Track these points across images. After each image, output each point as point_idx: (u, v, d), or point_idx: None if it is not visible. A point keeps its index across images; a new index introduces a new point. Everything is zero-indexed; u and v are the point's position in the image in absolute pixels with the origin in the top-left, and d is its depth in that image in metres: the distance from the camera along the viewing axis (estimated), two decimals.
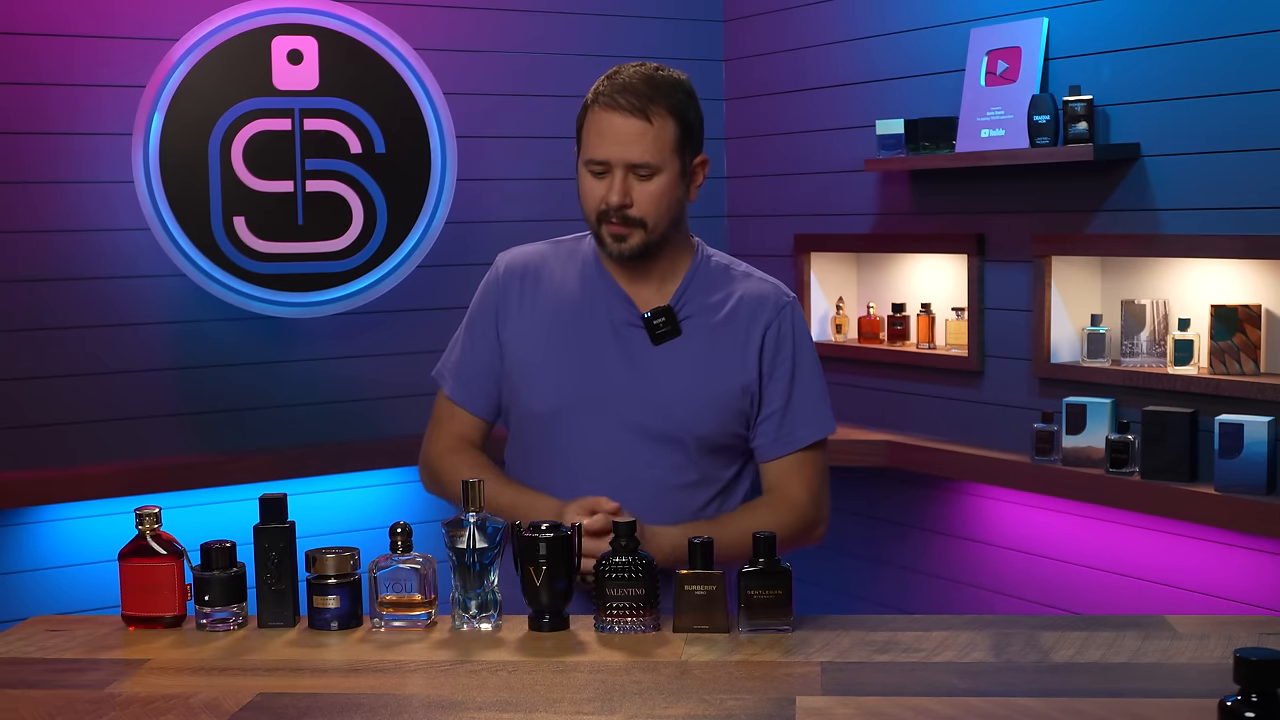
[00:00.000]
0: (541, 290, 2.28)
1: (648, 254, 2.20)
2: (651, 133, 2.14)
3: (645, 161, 2.14)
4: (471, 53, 4.15)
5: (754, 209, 4.49)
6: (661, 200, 2.16)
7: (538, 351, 2.24)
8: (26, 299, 3.66)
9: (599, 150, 2.15)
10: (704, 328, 2.23)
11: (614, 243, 2.18)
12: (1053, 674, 1.74)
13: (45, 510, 3.68)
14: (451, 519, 1.98)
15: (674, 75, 2.21)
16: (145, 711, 1.66)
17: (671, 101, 2.16)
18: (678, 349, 2.22)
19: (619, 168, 2.14)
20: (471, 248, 4.09)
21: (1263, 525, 3.01)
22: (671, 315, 2.22)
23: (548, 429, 2.23)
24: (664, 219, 2.18)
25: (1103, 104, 3.39)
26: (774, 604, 1.90)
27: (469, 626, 1.96)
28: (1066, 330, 3.56)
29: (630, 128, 2.13)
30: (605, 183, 2.16)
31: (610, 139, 2.14)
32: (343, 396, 4.04)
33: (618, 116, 2.14)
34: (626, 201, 2.15)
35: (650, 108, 2.14)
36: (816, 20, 4.21)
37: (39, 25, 3.62)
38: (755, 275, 2.32)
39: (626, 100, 2.14)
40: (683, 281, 2.25)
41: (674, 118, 2.16)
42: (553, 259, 2.32)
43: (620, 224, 2.16)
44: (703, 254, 2.30)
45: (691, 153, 2.21)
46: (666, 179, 2.16)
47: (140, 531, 2.01)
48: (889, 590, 4.16)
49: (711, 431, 2.21)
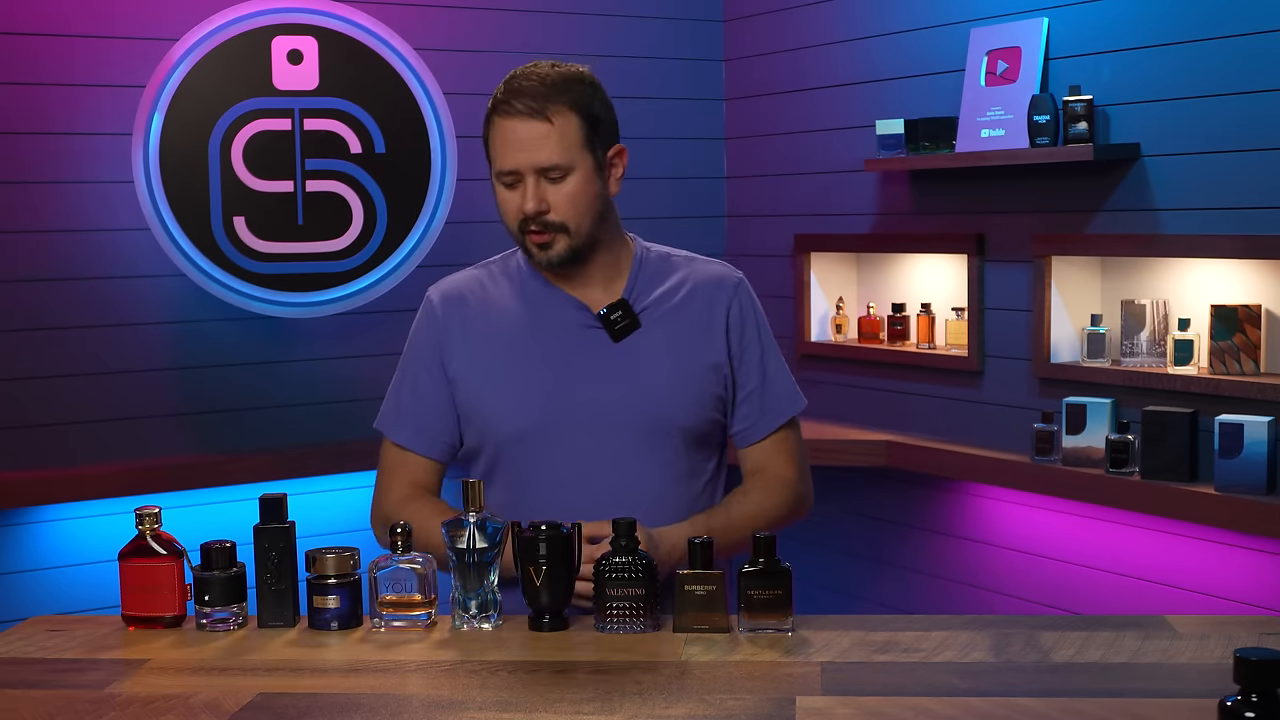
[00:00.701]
0: (482, 315, 2.24)
1: (578, 258, 2.16)
2: (555, 133, 2.10)
3: (554, 163, 2.10)
4: (471, 53, 4.15)
5: (754, 209, 4.49)
6: (579, 199, 2.12)
7: (496, 376, 2.20)
8: (26, 299, 3.66)
9: (506, 160, 2.12)
10: (662, 316, 2.21)
11: (539, 251, 2.15)
12: (1053, 674, 1.74)
13: (45, 510, 3.68)
14: (451, 519, 1.98)
15: (572, 70, 2.16)
16: (145, 711, 1.66)
17: (570, 97, 2.11)
18: (640, 341, 2.19)
19: (529, 174, 2.11)
20: (471, 248, 4.07)
21: (1263, 525, 3.01)
22: (628, 308, 2.19)
23: (528, 449, 2.17)
24: (585, 219, 2.14)
25: (1103, 104, 3.39)
26: (774, 604, 1.90)
27: (469, 626, 1.96)
28: (1066, 330, 3.56)
29: (532, 131, 2.10)
30: (519, 192, 2.12)
31: (514, 146, 2.11)
32: (343, 396, 4.03)
33: (518, 122, 2.10)
34: (543, 207, 2.11)
35: (548, 107, 2.09)
36: (816, 20, 4.21)
37: (39, 25, 3.62)
38: (699, 259, 2.30)
39: (523, 104, 2.10)
40: (630, 275, 2.22)
41: (576, 113, 2.11)
42: (487, 281, 2.28)
43: (541, 231, 2.13)
44: (641, 246, 2.28)
45: (603, 145, 2.16)
46: (580, 177, 2.12)
47: (140, 531, 2.01)
48: (889, 590, 4.16)
49: (694, 420, 2.19)
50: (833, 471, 4.14)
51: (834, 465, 3.97)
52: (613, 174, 2.19)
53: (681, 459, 2.19)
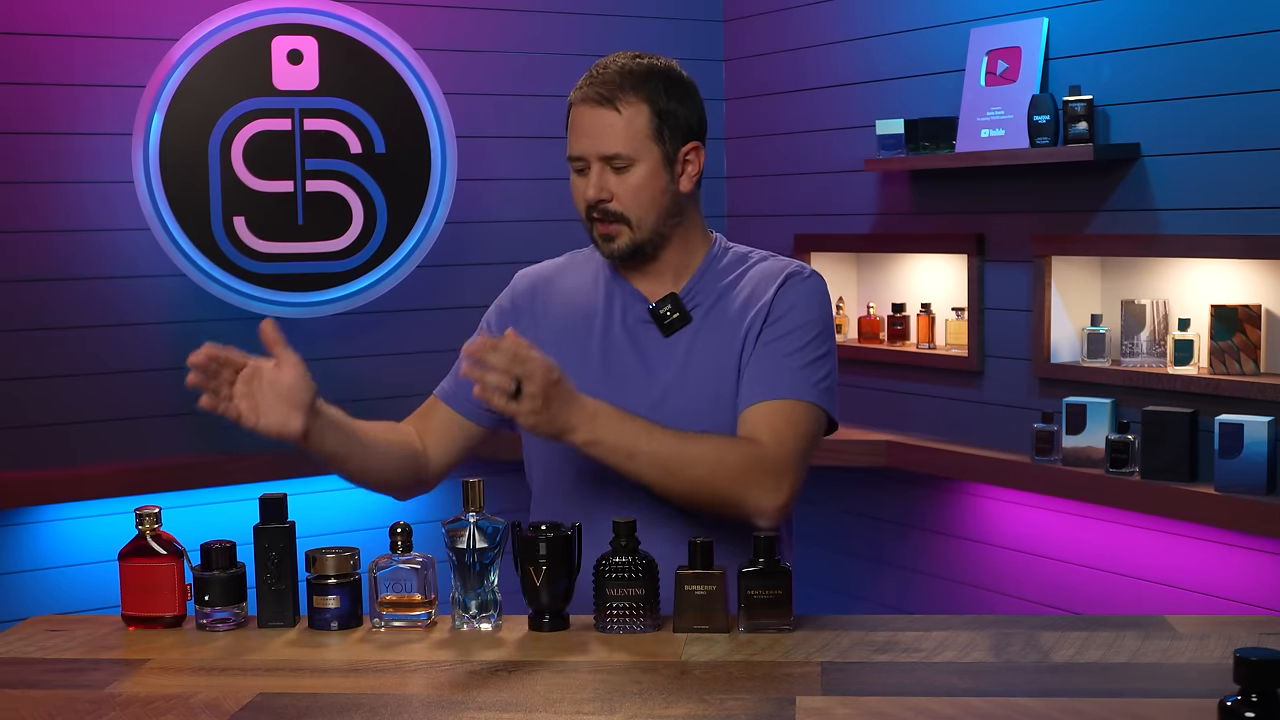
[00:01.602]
0: (553, 301, 2.23)
1: (641, 252, 2.13)
2: (621, 122, 2.08)
3: (616, 152, 2.08)
4: (471, 53, 4.15)
5: (754, 209, 4.48)
6: (642, 192, 2.10)
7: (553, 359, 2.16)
8: (26, 299, 3.66)
9: (574, 145, 2.12)
10: (714, 312, 2.16)
11: (604, 243, 2.13)
12: (1053, 674, 1.74)
13: (45, 510, 3.68)
14: (451, 519, 1.98)
15: (656, 62, 2.15)
16: (145, 711, 1.66)
17: (645, 89, 2.10)
18: (690, 337, 2.14)
19: (594, 161, 2.10)
20: (471, 248, 4.09)
21: (1263, 525, 3.01)
22: (678, 302, 2.15)
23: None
24: (649, 212, 2.11)
25: (1103, 104, 3.39)
26: (774, 604, 1.90)
27: (469, 626, 1.96)
28: (1066, 330, 3.56)
29: (600, 119, 2.09)
30: (586, 179, 2.12)
31: (582, 132, 2.10)
32: (343, 396, 3.98)
33: (588, 109, 2.10)
34: (604, 195, 2.09)
35: (620, 96, 2.08)
36: (816, 20, 4.21)
37: (39, 25, 3.62)
38: (774, 257, 2.23)
39: (595, 92, 2.09)
40: (697, 270, 2.19)
41: (647, 104, 2.10)
42: (568, 269, 2.27)
43: (604, 221, 2.11)
44: (720, 245, 2.23)
45: (675, 140, 2.13)
46: (645, 170, 2.10)
47: (140, 531, 2.01)
48: (889, 590, 4.16)
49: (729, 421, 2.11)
50: (833, 471, 4.14)
51: (834, 465, 3.97)
52: (685, 171, 2.15)
53: None
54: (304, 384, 2.01)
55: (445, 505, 3.98)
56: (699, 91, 2.21)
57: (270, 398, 1.97)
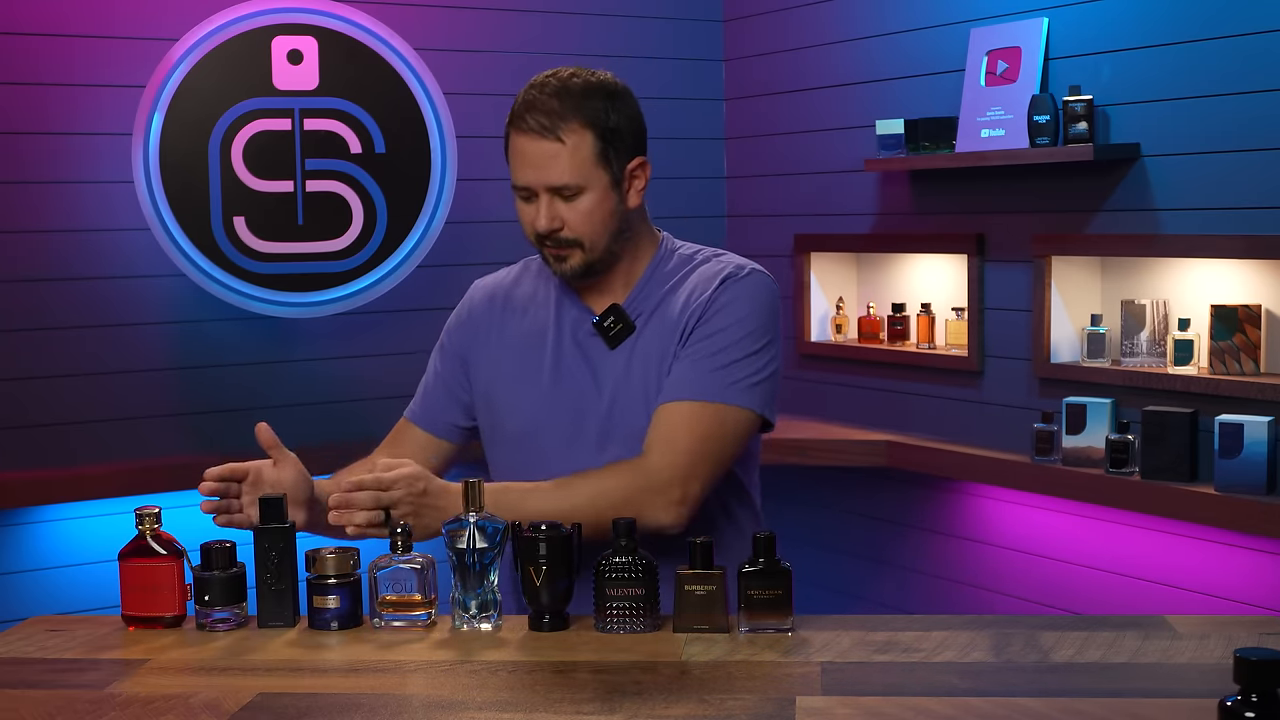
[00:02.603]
0: (510, 312, 2.25)
1: (593, 271, 2.14)
2: (565, 152, 2.07)
3: (564, 183, 2.08)
4: (471, 53, 4.15)
5: (754, 209, 4.49)
6: (593, 216, 2.10)
7: (506, 376, 2.21)
8: (26, 299, 3.66)
9: (519, 176, 2.11)
10: (659, 320, 2.16)
11: (556, 264, 2.14)
12: (1053, 674, 1.74)
13: (45, 510, 3.68)
14: (452, 519, 1.98)
15: (594, 79, 2.12)
16: (145, 711, 1.66)
17: (585, 113, 2.08)
18: (632, 347, 2.15)
19: (542, 192, 2.09)
20: (471, 248, 4.09)
21: (1263, 525, 3.01)
22: (621, 313, 2.16)
23: (528, 448, 2.18)
24: (601, 235, 2.11)
25: (1103, 104, 3.39)
26: (774, 604, 1.90)
27: (469, 626, 1.96)
28: (1066, 330, 3.56)
29: (543, 150, 2.07)
30: (534, 206, 2.11)
31: (527, 164, 2.09)
32: (343, 396, 4.04)
33: (529, 140, 2.08)
34: (556, 225, 2.09)
35: (561, 125, 2.07)
36: (816, 20, 4.21)
37: (39, 25, 3.62)
38: (717, 257, 2.20)
39: (535, 121, 2.07)
40: (640, 278, 2.19)
41: (590, 129, 2.08)
42: (523, 279, 2.28)
43: (555, 246, 2.11)
44: (666, 248, 2.22)
45: (620, 159, 2.11)
46: (594, 195, 2.09)
47: (140, 531, 2.01)
48: (889, 590, 4.16)
49: None
50: (833, 471, 4.14)
51: (834, 465, 3.97)
52: (633, 186, 2.14)
53: None
54: (302, 480, 2.09)
55: None
56: (635, 98, 2.18)
57: None
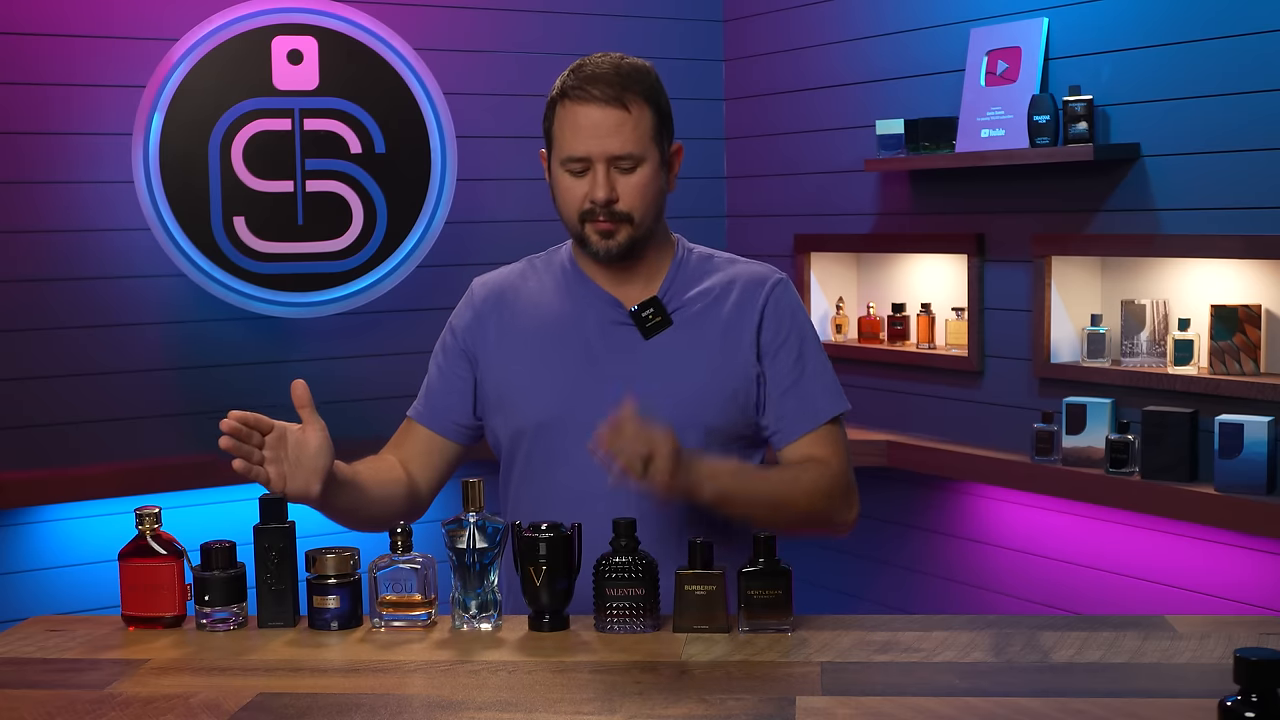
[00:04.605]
0: (519, 309, 2.22)
1: (633, 251, 2.13)
2: (631, 121, 2.07)
3: (628, 152, 2.07)
4: (471, 53, 4.15)
5: (754, 209, 4.49)
6: (647, 192, 2.10)
7: (523, 369, 2.18)
8: (26, 299, 3.66)
9: (577, 146, 2.07)
10: (696, 315, 2.17)
11: (601, 240, 2.10)
12: (1053, 674, 1.74)
13: (45, 510, 3.68)
14: (451, 519, 1.98)
15: (640, 63, 2.14)
16: (145, 711, 1.66)
17: (644, 88, 2.09)
18: (671, 339, 2.15)
19: (600, 162, 2.07)
20: (471, 248, 4.09)
21: (1263, 525, 3.01)
22: (660, 305, 2.15)
23: (545, 443, 2.16)
24: (650, 212, 2.11)
25: (1103, 104, 3.39)
26: (774, 604, 1.90)
27: (469, 626, 1.96)
28: (1066, 330, 3.56)
29: (608, 119, 2.06)
30: (586, 180, 2.08)
31: (587, 132, 2.07)
32: (342, 396, 4.04)
33: (593, 108, 2.06)
34: (613, 196, 2.08)
35: (626, 96, 2.06)
36: (816, 20, 4.21)
37: (39, 25, 3.63)
38: (741, 260, 2.25)
39: (600, 90, 2.06)
40: (668, 273, 2.19)
41: (649, 105, 2.09)
42: (530, 275, 2.26)
43: (608, 220, 2.09)
44: (684, 247, 2.24)
45: (667, 140, 2.14)
46: (649, 169, 2.09)
47: (140, 531, 2.01)
48: (889, 590, 4.16)
49: (720, 420, 2.14)
50: None
51: None
52: (672, 170, 2.17)
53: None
54: (327, 449, 2.06)
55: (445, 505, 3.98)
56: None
57: (294, 463, 2.03)
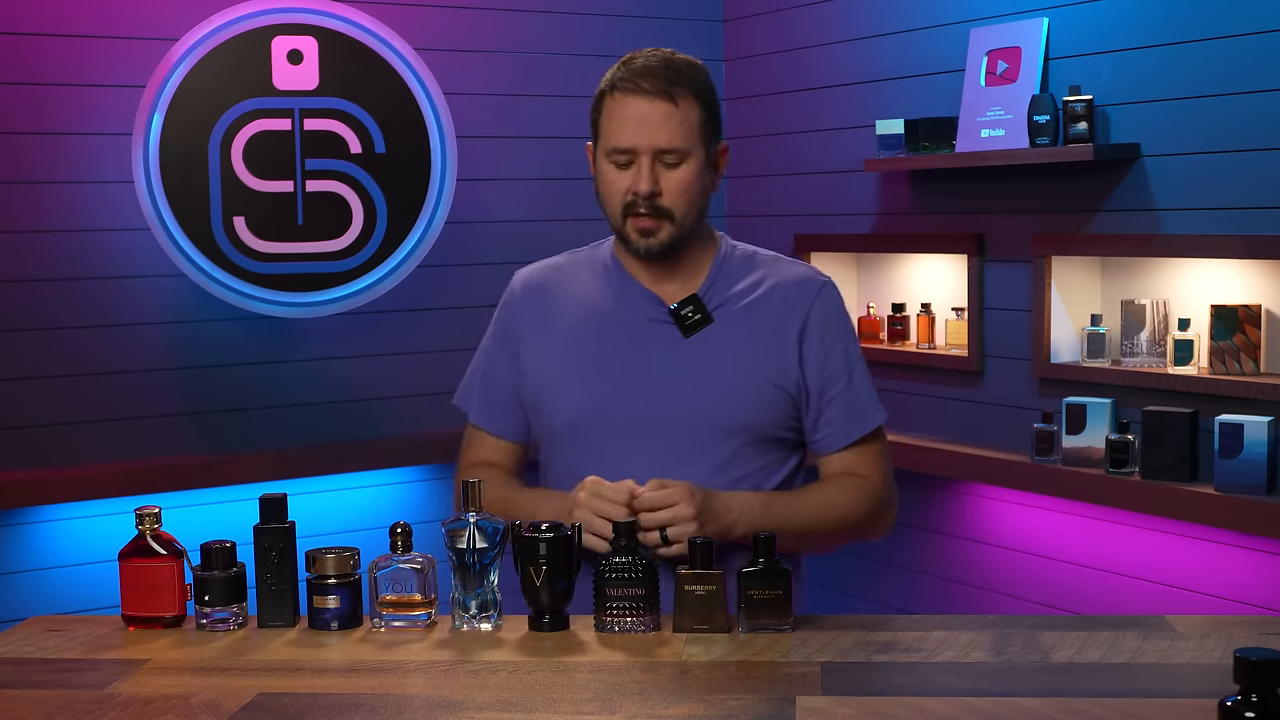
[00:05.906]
0: (560, 303, 2.21)
1: (674, 249, 2.12)
2: (678, 116, 2.06)
3: (674, 146, 2.06)
4: (471, 53, 4.15)
5: (754, 209, 4.49)
6: (691, 189, 2.08)
7: (562, 364, 2.17)
8: (26, 299, 3.66)
9: (623, 137, 2.06)
10: (737, 314, 2.15)
11: (640, 238, 2.09)
12: (1053, 674, 1.74)
13: (45, 510, 3.68)
14: (452, 519, 1.98)
15: (692, 60, 2.13)
16: (145, 711, 1.66)
17: (694, 84, 2.08)
18: (712, 337, 2.14)
19: (645, 155, 2.06)
20: (471, 248, 4.09)
21: (1263, 525, 3.01)
22: (700, 303, 2.14)
23: (582, 439, 2.14)
24: (692, 210, 2.10)
25: (1103, 104, 3.39)
26: (774, 604, 1.90)
27: (469, 626, 1.96)
28: (1066, 330, 3.56)
29: (656, 112, 2.05)
30: (630, 172, 2.07)
31: (635, 124, 2.06)
32: (343, 396, 4.04)
33: (642, 101, 2.06)
34: (656, 189, 2.06)
35: (674, 90, 2.06)
36: (816, 20, 4.21)
37: (39, 25, 3.62)
38: (785, 260, 2.25)
39: (650, 84, 2.05)
40: (710, 272, 2.17)
41: (698, 101, 2.08)
42: (570, 269, 2.24)
43: (649, 215, 2.07)
44: (727, 244, 2.22)
45: (714, 139, 2.13)
46: (695, 166, 2.08)
47: (140, 531, 2.01)
48: (889, 590, 4.16)
49: (759, 420, 2.13)
50: None
51: None
52: (717, 170, 2.16)
53: (745, 460, 2.13)
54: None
55: (445, 505, 3.98)
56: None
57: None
